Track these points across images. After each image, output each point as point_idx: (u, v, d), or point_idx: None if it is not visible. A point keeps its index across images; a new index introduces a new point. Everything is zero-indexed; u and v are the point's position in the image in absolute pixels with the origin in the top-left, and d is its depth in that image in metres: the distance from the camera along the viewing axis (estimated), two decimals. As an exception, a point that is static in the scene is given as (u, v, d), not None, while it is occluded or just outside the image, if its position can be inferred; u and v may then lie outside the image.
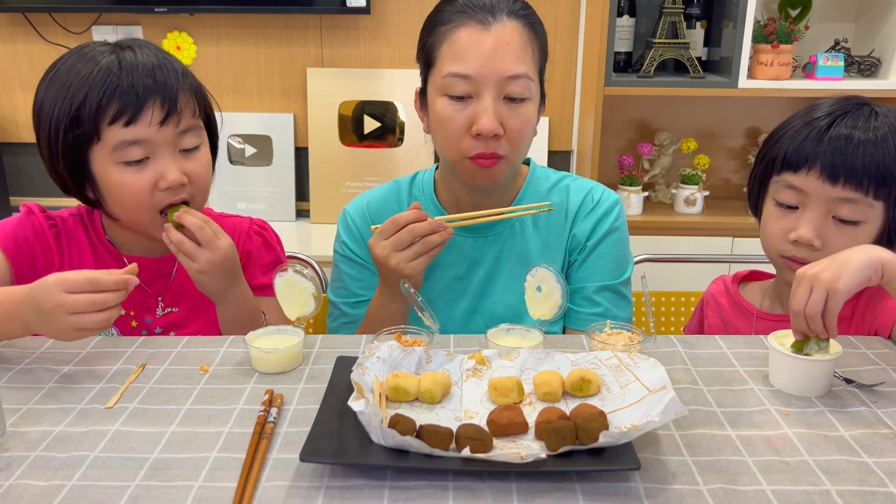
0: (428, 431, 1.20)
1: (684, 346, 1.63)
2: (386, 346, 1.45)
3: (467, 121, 1.71)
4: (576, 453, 1.18)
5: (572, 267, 1.91)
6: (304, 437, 1.22)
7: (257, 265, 1.96)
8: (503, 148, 1.72)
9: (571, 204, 1.91)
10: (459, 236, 1.89)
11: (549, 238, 1.90)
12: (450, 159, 1.78)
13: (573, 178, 1.96)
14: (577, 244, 1.90)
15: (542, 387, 1.37)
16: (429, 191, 1.94)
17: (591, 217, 1.90)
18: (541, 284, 1.60)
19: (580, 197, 1.92)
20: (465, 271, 1.91)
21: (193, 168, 1.76)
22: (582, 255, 1.90)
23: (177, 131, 1.71)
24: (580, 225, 1.90)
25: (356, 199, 2.00)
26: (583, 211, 1.90)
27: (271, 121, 4.00)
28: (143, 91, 1.66)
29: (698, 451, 1.25)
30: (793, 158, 1.71)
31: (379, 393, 1.33)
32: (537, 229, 1.91)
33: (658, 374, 1.33)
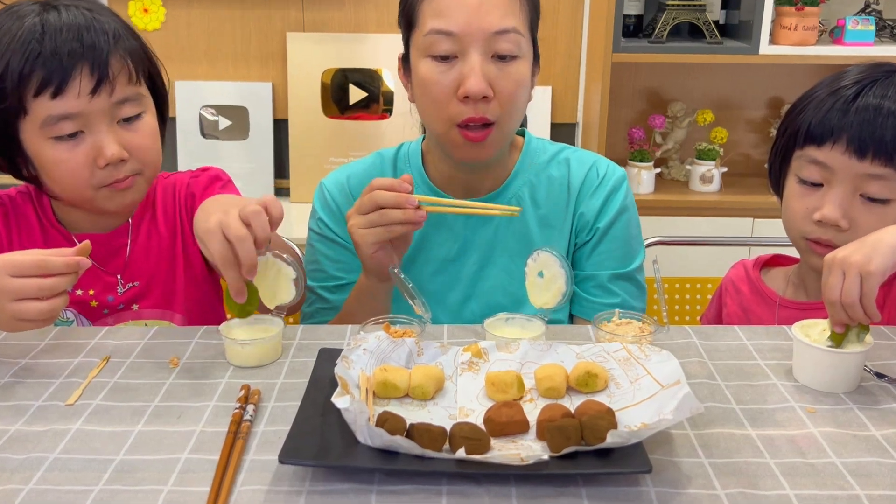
0: (419, 431, 1.20)
1: (700, 337, 1.63)
2: (373, 338, 1.45)
3: (453, 83, 1.71)
4: (581, 455, 1.18)
5: (581, 251, 1.91)
6: (284, 436, 1.22)
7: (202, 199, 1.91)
8: (493, 112, 1.72)
9: (574, 179, 1.91)
10: (450, 214, 1.88)
11: (550, 216, 1.90)
12: (436, 130, 1.78)
13: (573, 150, 1.96)
14: (584, 224, 1.90)
15: (545, 382, 1.37)
16: (416, 164, 1.94)
17: (598, 194, 1.89)
18: (543, 269, 1.59)
19: (583, 171, 1.92)
20: (457, 253, 1.90)
21: (135, 140, 1.73)
22: (593, 239, 1.89)
23: (112, 101, 1.68)
24: (587, 203, 1.89)
25: (334, 172, 2.00)
26: (588, 187, 1.90)
27: (247, 90, 3.98)
28: (68, 57, 1.62)
29: (715, 453, 1.25)
30: (817, 131, 1.70)
31: (365, 388, 1.33)
32: (537, 206, 1.90)
33: (671, 367, 1.33)
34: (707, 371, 1.50)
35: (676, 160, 4.05)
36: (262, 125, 4.00)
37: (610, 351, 1.44)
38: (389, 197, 1.63)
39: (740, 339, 1.62)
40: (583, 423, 1.21)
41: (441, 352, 1.48)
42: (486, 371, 1.42)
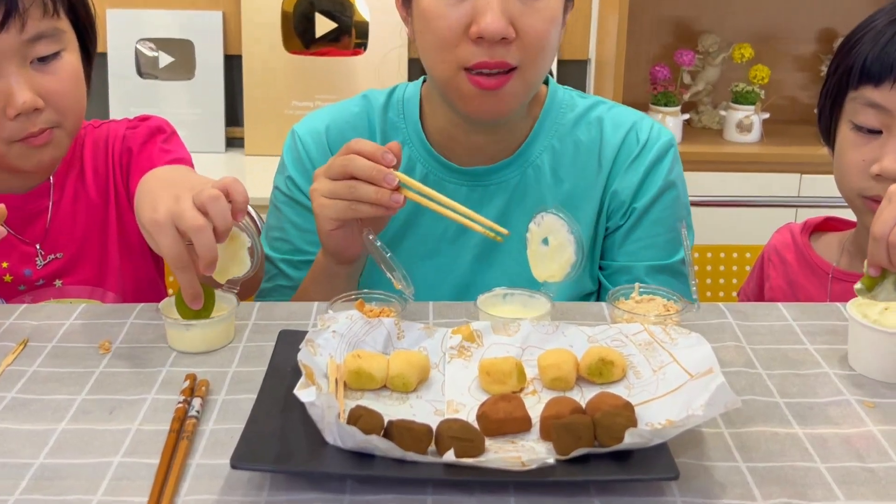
0: (399, 429, 1.19)
1: (737, 316, 1.63)
2: (344, 318, 1.44)
3: (464, 19, 1.64)
4: (594, 458, 1.17)
5: (613, 237, 1.88)
6: (237, 436, 1.21)
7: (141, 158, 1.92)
8: (514, 55, 1.65)
9: (607, 145, 1.86)
10: (450, 183, 1.86)
11: (576, 193, 1.86)
12: (440, 76, 1.72)
13: (608, 107, 1.91)
14: (618, 205, 1.86)
15: (550, 370, 1.37)
16: (413, 117, 1.89)
17: (637, 167, 1.85)
18: (548, 235, 1.59)
19: (619, 136, 1.87)
20: (455, 233, 1.87)
21: (52, 85, 1.71)
22: (628, 222, 1.86)
23: (23, 38, 1.65)
24: (622, 178, 1.86)
25: (310, 117, 1.97)
26: (625, 157, 1.86)
27: (194, 20, 3.97)
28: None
29: (755, 456, 1.25)
30: (874, 67, 1.70)
31: (335, 378, 1.33)
32: (559, 179, 1.86)
33: (702, 353, 1.33)
34: (745, 358, 1.50)
35: (708, 105, 4.05)
36: (210, 62, 3.99)
37: (629, 334, 1.44)
38: (364, 167, 1.56)
39: (785, 318, 1.63)
40: (596, 420, 1.20)
41: (426, 335, 1.48)
42: (480, 358, 1.42)
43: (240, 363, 1.49)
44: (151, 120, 1.99)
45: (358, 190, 1.57)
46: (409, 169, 1.86)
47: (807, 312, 1.65)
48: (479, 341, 1.46)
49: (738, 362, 1.49)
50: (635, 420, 1.22)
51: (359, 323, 1.45)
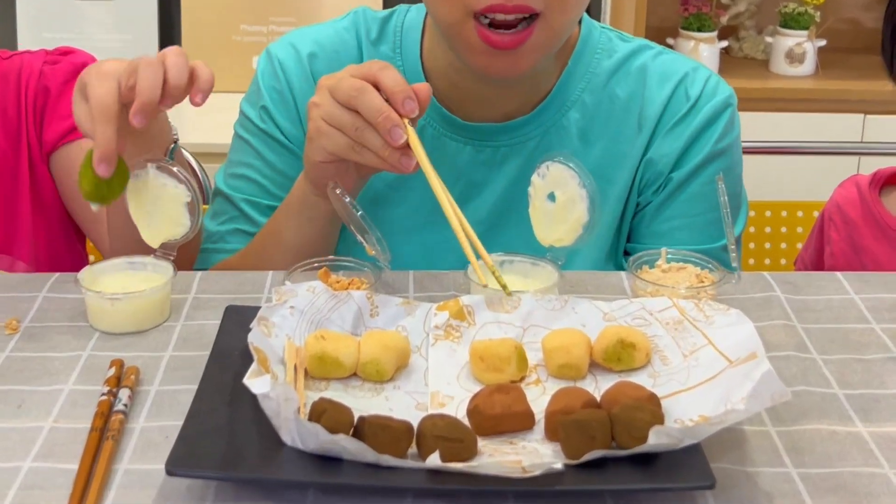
0: (373, 427, 1.19)
1: (786, 288, 1.64)
2: (304, 290, 1.45)
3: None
4: (611, 463, 1.17)
5: (642, 214, 1.88)
6: (174, 435, 1.21)
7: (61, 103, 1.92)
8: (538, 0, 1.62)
9: (651, 103, 1.84)
10: (451, 139, 1.84)
11: (608, 159, 1.84)
12: (443, 20, 1.69)
13: (654, 54, 1.88)
14: (654, 175, 1.84)
15: (558, 355, 1.37)
16: (412, 54, 1.87)
17: (682, 130, 1.83)
18: (555, 190, 1.58)
19: (666, 90, 1.84)
20: (457, 199, 1.76)
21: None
22: (661, 196, 1.85)
23: None
24: (664, 142, 1.83)
25: (289, 38, 1.93)
26: (670, 117, 1.83)
27: (120, -76, 3.95)
28: None
29: (809, 460, 1.25)
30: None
31: (294, 365, 1.33)
32: (587, 142, 1.84)
33: (744, 334, 1.34)
34: (797, 339, 1.50)
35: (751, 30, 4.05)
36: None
37: (654, 310, 1.44)
38: (371, 108, 1.52)
39: (846, 291, 1.63)
40: (613, 416, 1.20)
41: (405, 311, 1.48)
42: (472, 340, 1.42)
43: (177, 346, 1.49)
44: (75, 55, 1.98)
45: (364, 134, 1.54)
46: None
47: (872, 284, 1.65)
48: (470, 319, 1.46)
49: (787, 345, 1.49)
50: (662, 416, 1.22)
51: (323, 297, 1.45)
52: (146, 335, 1.51)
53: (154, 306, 1.53)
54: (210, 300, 1.61)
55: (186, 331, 1.53)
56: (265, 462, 1.18)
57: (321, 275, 1.52)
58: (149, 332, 1.52)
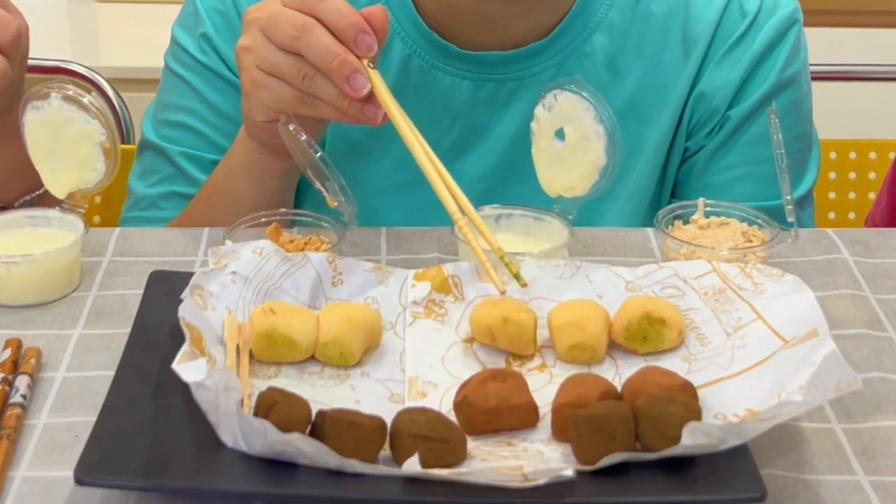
0: (336, 423, 1.21)
1: (856, 249, 1.66)
2: (250, 252, 1.46)
3: None
4: (635, 469, 1.19)
5: (693, 161, 1.89)
6: (85, 434, 1.22)
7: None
8: None
9: (697, 22, 1.84)
10: (446, 73, 1.84)
11: (644, 95, 1.85)
12: None
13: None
14: (707, 114, 1.86)
15: (568, 333, 1.38)
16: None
17: (739, 55, 1.84)
18: (564, 125, 1.58)
19: (715, 8, 1.84)
20: (452, 148, 1.85)
21: None
22: (717, 138, 1.86)
23: None
24: (717, 71, 1.84)
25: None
26: (722, 41, 1.84)
27: None
28: None
29: (883, 465, 1.26)
30: None
31: (237, 345, 1.35)
32: (617, 73, 1.85)
33: (802, 306, 1.36)
34: (869, 314, 1.53)
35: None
36: None
37: (689, 277, 1.46)
38: (321, 51, 1.50)
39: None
40: (638, 410, 1.22)
41: (375, 279, 1.50)
42: (462, 316, 1.44)
43: (89, 322, 1.50)
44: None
45: (314, 82, 1.52)
46: (385, 48, 1.74)
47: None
48: (456, 293, 1.48)
49: (858, 321, 1.51)
50: (699, 410, 1.22)
51: (273, 260, 1.47)
52: (50, 308, 1.53)
53: (60, 272, 1.55)
54: (131, 264, 1.62)
55: (101, 302, 1.54)
56: (199, 468, 1.19)
57: (270, 232, 1.53)
58: (53, 304, 1.54)
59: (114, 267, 1.61)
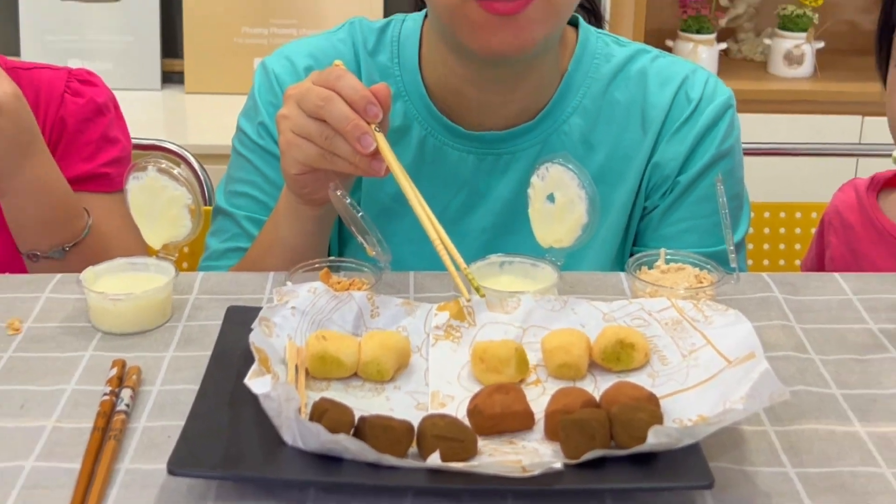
0: (374, 427, 1.19)
1: (785, 289, 1.64)
2: (306, 291, 1.45)
3: None
4: (610, 462, 1.17)
5: (649, 218, 1.87)
6: (176, 435, 1.21)
7: (77, 143, 1.93)
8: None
9: (653, 108, 1.84)
10: (453, 149, 1.83)
11: (612, 165, 1.84)
12: (444, 3, 1.66)
13: (651, 57, 1.88)
14: (661, 180, 1.84)
15: (557, 355, 1.37)
16: (410, 63, 1.85)
17: (686, 133, 1.82)
18: (555, 191, 1.58)
19: (667, 95, 1.84)
20: (460, 210, 1.85)
21: None
22: (667, 200, 1.85)
23: None
24: (668, 147, 1.83)
25: (284, 51, 1.92)
26: (673, 121, 1.83)
27: (122, -73, 3.96)
28: None
29: (807, 459, 1.25)
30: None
31: (295, 365, 1.33)
32: (590, 148, 1.84)
33: (742, 334, 1.34)
34: (795, 340, 1.51)
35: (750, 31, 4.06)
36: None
37: (653, 310, 1.44)
38: (339, 117, 1.52)
39: (843, 291, 1.63)
40: (613, 415, 1.20)
41: (405, 312, 1.48)
42: (473, 341, 1.42)
43: (179, 346, 1.49)
44: (97, 90, 1.98)
45: (333, 142, 1.53)
46: (404, 129, 1.82)
47: (871, 285, 1.65)
48: (470, 320, 1.47)
49: (786, 345, 1.49)
50: (661, 416, 1.22)
51: (324, 297, 1.45)
52: (148, 335, 1.51)
53: (156, 307, 1.53)
54: (211, 301, 1.60)
55: (188, 331, 1.52)
56: (266, 461, 1.18)
57: (322, 276, 1.52)
58: (151, 332, 1.52)
59: (198, 303, 1.60)
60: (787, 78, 3.87)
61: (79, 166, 1.89)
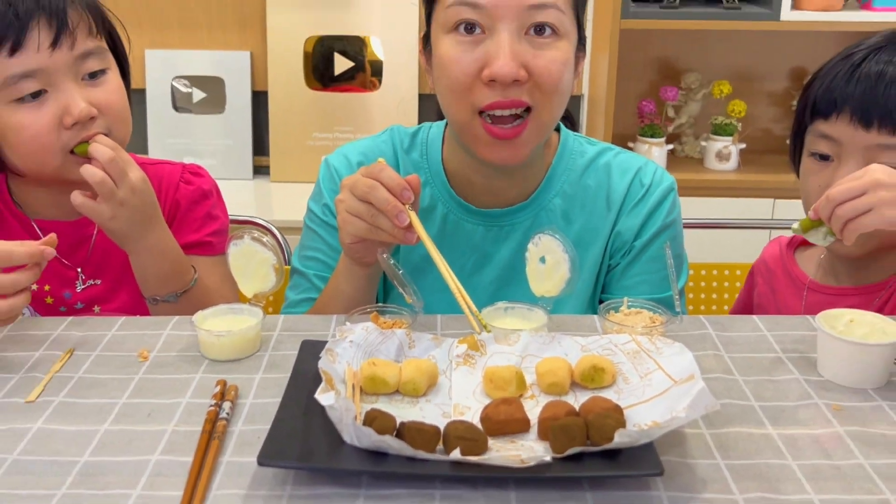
0: (410, 430, 1.20)
1: (716, 327, 1.63)
2: (360, 329, 1.45)
3: (477, 63, 1.60)
4: (587, 456, 1.18)
5: (614, 272, 1.86)
6: (263, 436, 1.21)
7: (188, 218, 1.94)
8: (529, 95, 1.61)
9: (615, 191, 1.83)
10: (467, 222, 1.83)
11: (585, 233, 1.84)
12: (457, 120, 1.67)
13: (614, 153, 1.88)
14: (621, 244, 1.84)
15: (547, 376, 1.37)
16: (435, 159, 1.85)
17: (639, 209, 1.83)
18: (545, 255, 1.58)
19: (626, 181, 1.84)
20: (472, 267, 1.84)
21: (103, 96, 1.72)
22: (626, 259, 1.84)
23: (74, 55, 1.68)
24: (626, 220, 1.83)
25: (342, 150, 1.92)
26: (630, 201, 1.83)
27: (224, 60, 3.97)
28: (24, 11, 1.63)
29: (732, 454, 1.25)
30: (822, 103, 1.74)
31: (352, 384, 1.33)
32: (569, 221, 1.84)
33: (685, 361, 1.33)
34: (724, 365, 1.50)
35: (690, 136, 4.05)
36: (239, 98, 4.00)
37: (618, 343, 1.44)
38: (381, 200, 1.53)
39: (760, 329, 1.62)
40: (588, 421, 1.21)
41: (434, 344, 1.48)
42: (484, 366, 1.42)
43: (266, 370, 1.49)
44: (203, 180, 1.99)
45: (377, 219, 1.54)
46: (431, 208, 1.83)
47: (780, 324, 1.64)
48: (482, 350, 1.46)
49: (717, 369, 1.49)
50: (624, 422, 1.22)
51: (374, 333, 1.45)
52: (243, 362, 1.51)
53: (249, 341, 1.53)
54: (290, 337, 1.60)
55: (273, 359, 1.52)
56: (331, 455, 1.18)
57: (372, 318, 1.52)
58: (245, 359, 1.52)
59: (280, 338, 1.59)
60: (718, 171, 3.86)
61: (189, 236, 1.89)
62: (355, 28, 3.92)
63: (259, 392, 1.42)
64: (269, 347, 1.56)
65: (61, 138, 1.68)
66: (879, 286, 1.80)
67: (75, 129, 1.68)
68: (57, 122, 1.67)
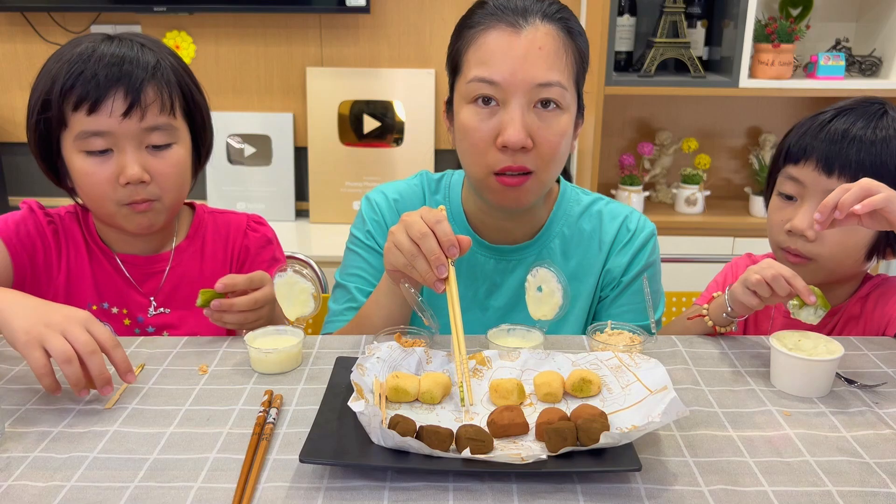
0: (428, 432, 1.20)
1: (685, 345, 1.63)
2: (385, 347, 1.45)
3: (493, 131, 1.60)
4: (577, 454, 1.18)
5: (603, 303, 1.86)
6: (304, 437, 1.22)
7: (256, 262, 1.94)
8: (532, 162, 1.62)
9: (605, 234, 1.84)
10: (480, 255, 1.83)
11: (580, 269, 1.84)
12: (475, 175, 1.68)
13: (605, 203, 1.88)
14: (610, 280, 1.84)
15: (543, 387, 1.37)
16: (456, 201, 1.86)
17: (626, 251, 1.83)
18: (541, 284, 1.59)
19: (615, 226, 1.84)
20: (484, 294, 1.85)
21: (159, 166, 1.72)
22: (615, 293, 1.84)
23: (142, 126, 1.68)
24: (615, 259, 1.83)
25: (380, 188, 1.91)
26: (618, 243, 1.84)
27: (271, 120, 4.00)
28: (105, 80, 1.64)
29: (699, 452, 1.25)
30: (793, 150, 1.77)
31: (379, 394, 1.33)
32: (567, 258, 1.84)
33: (659, 374, 1.33)
34: (692, 377, 1.50)
35: (663, 184, 4.05)
36: (283, 152, 4.02)
37: (603, 359, 1.43)
38: (430, 250, 1.47)
39: (722, 348, 1.62)
40: (578, 425, 1.21)
41: (448, 360, 1.48)
42: (490, 378, 1.42)
43: (306, 382, 1.48)
44: (266, 228, 2.00)
45: (417, 260, 1.49)
46: None
47: (739, 343, 1.64)
48: (489, 365, 1.46)
49: (686, 381, 1.48)
50: (608, 425, 1.22)
51: (397, 351, 1.46)
52: (287, 375, 1.51)
53: (292, 357, 1.53)
54: (326, 354, 1.60)
55: (312, 373, 1.52)
56: (361, 453, 1.18)
57: (396, 337, 1.52)
58: (289, 373, 1.52)
59: (318, 355, 1.59)
60: (686, 214, 3.85)
61: None
62: (382, 94, 3.94)
63: (300, 400, 1.42)
64: (308, 363, 1.56)
65: (116, 193, 1.70)
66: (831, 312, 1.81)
67: (128, 188, 1.69)
68: (114, 179, 1.68)
